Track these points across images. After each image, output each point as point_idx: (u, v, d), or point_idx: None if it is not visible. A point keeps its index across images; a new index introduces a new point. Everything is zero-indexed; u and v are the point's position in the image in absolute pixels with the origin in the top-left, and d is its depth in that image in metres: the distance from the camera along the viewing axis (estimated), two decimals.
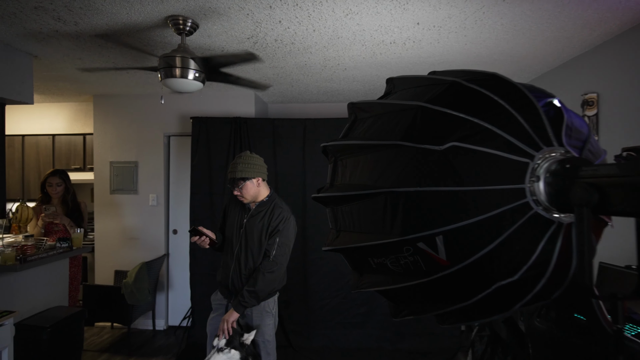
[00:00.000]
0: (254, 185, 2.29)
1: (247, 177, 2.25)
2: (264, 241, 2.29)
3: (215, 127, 3.89)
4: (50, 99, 4.45)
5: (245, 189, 2.27)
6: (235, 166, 2.26)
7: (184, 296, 4.17)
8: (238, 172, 2.24)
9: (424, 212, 1.02)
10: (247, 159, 2.29)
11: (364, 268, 1.46)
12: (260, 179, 2.32)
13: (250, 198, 2.31)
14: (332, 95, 4.32)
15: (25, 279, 2.68)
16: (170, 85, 2.26)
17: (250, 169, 2.27)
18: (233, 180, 2.26)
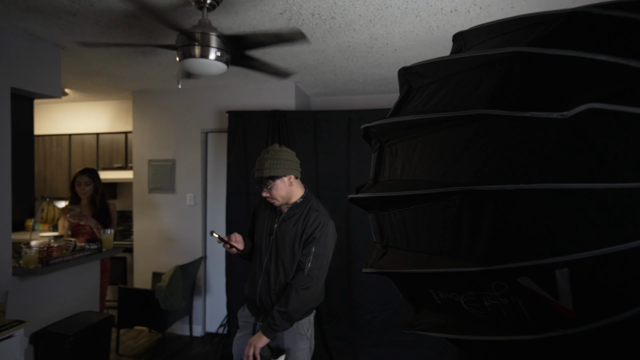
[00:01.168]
0: (285, 185, 1.94)
1: (276, 175, 1.90)
2: (297, 251, 1.93)
3: (252, 121, 3.61)
4: (92, 96, 4.42)
5: (275, 189, 1.91)
6: (262, 163, 1.92)
7: (221, 301, 3.93)
8: (266, 169, 1.89)
9: (532, 227, 0.58)
10: (276, 153, 1.94)
11: (423, 301, 1.02)
12: (293, 177, 1.96)
13: (281, 200, 1.96)
14: (380, 85, 3.88)
15: (49, 283, 2.52)
16: (189, 67, 1.96)
17: (279, 166, 1.91)
18: (260, 180, 1.92)
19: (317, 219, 1.94)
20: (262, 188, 1.93)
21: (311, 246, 1.90)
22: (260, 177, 1.91)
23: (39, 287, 2.47)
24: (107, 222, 3.14)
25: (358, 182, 3.45)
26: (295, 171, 1.98)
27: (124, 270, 4.24)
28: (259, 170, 1.91)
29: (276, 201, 1.96)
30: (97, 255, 2.81)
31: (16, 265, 2.38)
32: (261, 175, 1.90)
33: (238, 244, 1.99)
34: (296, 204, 2.00)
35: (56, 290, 2.58)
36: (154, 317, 3.46)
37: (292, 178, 1.96)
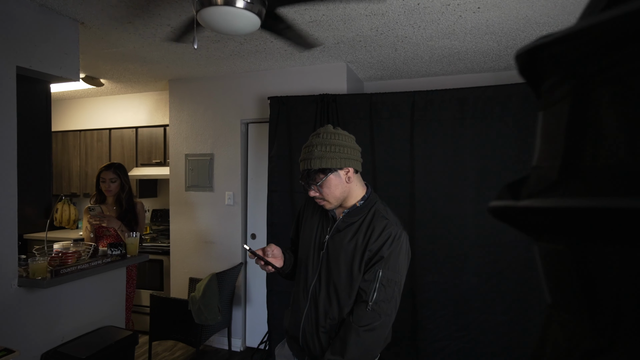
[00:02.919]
0: (342, 181, 1.40)
1: (330, 167, 1.37)
2: (357, 274, 1.38)
3: (297, 107, 3.10)
4: (129, 87, 4.14)
5: (327, 186, 1.39)
6: (310, 150, 1.39)
7: (263, 313, 3.47)
8: (315, 159, 1.37)
9: None
10: (330, 137, 1.40)
11: None
12: (352, 170, 1.42)
13: (334, 202, 1.42)
14: (450, 63, 3.22)
15: (62, 295, 2.17)
16: (209, 20, 1.47)
17: (334, 154, 1.37)
18: (307, 174, 1.40)
19: (386, 230, 1.38)
20: (310, 185, 1.41)
21: (377, 269, 1.35)
22: (308, 169, 1.38)
23: (50, 300, 2.13)
24: (133, 223, 2.78)
25: (423, 178, 2.83)
26: (355, 162, 1.43)
27: (160, 275, 3.92)
28: (306, 160, 1.39)
29: (328, 204, 1.42)
30: (119, 262, 2.43)
31: (24, 275, 2.03)
32: (308, 167, 1.38)
33: (275, 259, 1.48)
34: (355, 208, 1.45)
35: (71, 304, 2.23)
36: (188, 329, 3.07)
37: (351, 172, 1.42)
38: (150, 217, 4.60)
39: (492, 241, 2.66)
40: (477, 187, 2.69)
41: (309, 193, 1.43)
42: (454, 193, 2.73)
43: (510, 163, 2.63)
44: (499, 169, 2.65)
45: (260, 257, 1.40)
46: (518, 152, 2.62)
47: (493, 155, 2.67)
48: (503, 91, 2.64)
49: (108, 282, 2.47)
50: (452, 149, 2.74)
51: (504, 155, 2.64)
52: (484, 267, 2.67)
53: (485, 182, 2.68)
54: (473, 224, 2.69)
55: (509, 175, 2.64)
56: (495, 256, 2.65)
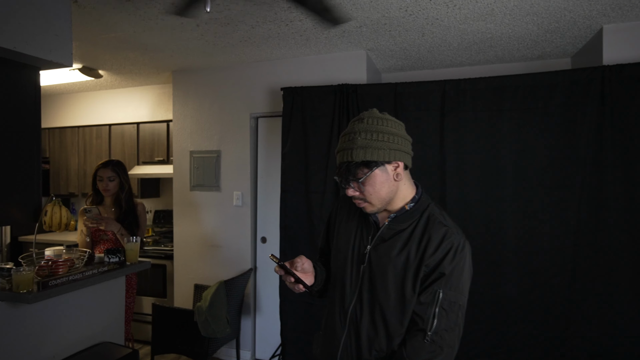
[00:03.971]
0: (389, 178, 1.13)
1: (376, 160, 1.09)
2: (410, 295, 1.10)
3: (313, 99, 2.82)
4: (130, 80, 3.87)
5: (371, 184, 1.11)
6: (351, 139, 1.11)
7: (274, 323, 3.20)
8: (357, 149, 1.09)
9: None
10: (376, 123, 1.12)
11: None
12: (402, 165, 1.14)
13: (378, 204, 1.14)
14: (480, 51, 2.94)
15: (52, 309, 1.90)
16: None
17: (382, 144, 1.10)
18: (347, 168, 1.11)
19: (447, 240, 1.10)
20: (348, 182, 1.12)
21: (437, 289, 1.07)
22: (347, 162, 1.10)
23: (38, 316, 1.86)
24: (133, 226, 2.51)
25: (456, 176, 2.54)
26: (406, 156, 1.15)
27: (163, 280, 3.65)
28: (346, 151, 1.11)
29: (369, 206, 1.15)
30: (118, 270, 2.16)
31: (7, 288, 1.77)
32: (349, 159, 1.10)
33: (305, 275, 1.20)
34: (405, 212, 1.17)
35: (63, 319, 1.96)
36: (194, 341, 2.80)
37: (401, 167, 1.14)
38: (153, 219, 4.34)
39: (534, 247, 2.37)
40: (516, 186, 2.41)
41: (347, 192, 1.15)
42: (490, 193, 2.44)
43: (555, 160, 2.35)
44: (541, 167, 2.37)
45: (292, 272, 1.12)
46: (563, 147, 2.34)
47: (535, 151, 2.38)
48: (547, 79, 2.36)
49: (105, 294, 2.20)
50: (487, 144, 2.46)
51: (547, 151, 2.36)
52: (525, 276, 2.38)
53: (525, 181, 2.39)
54: (512, 228, 2.41)
55: (552, 174, 2.35)
56: (537, 264, 2.37)
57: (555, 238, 2.34)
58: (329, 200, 2.72)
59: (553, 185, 2.35)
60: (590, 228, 2.30)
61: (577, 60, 2.98)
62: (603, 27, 2.48)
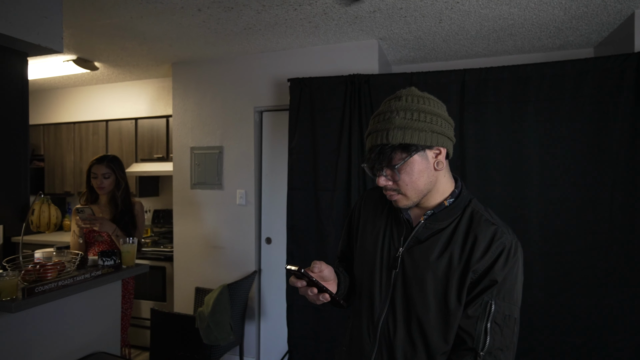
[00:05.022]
0: (429, 167, 0.96)
1: (416, 143, 0.92)
2: (455, 307, 0.93)
3: (322, 90, 2.65)
4: (128, 73, 3.70)
5: (408, 171, 0.94)
6: (388, 118, 0.94)
7: (280, 328, 3.03)
8: (395, 130, 0.92)
9: None
10: (417, 102, 0.95)
11: None
12: (444, 152, 0.97)
13: (415, 196, 0.97)
14: (498, 40, 2.76)
15: (38, 318, 1.73)
16: None
17: (424, 125, 0.93)
18: (381, 152, 0.94)
19: (498, 241, 0.93)
20: (381, 168, 0.96)
21: (488, 299, 0.90)
22: (382, 145, 0.93)
23: (24, 325, 1.68)
24: (130, 227, 2.33)
25: (477, 172, 2.35)
26: (449, 142, 0.99)
27: (162, 283, 3.48)
28: (380, 132, 0.94)
29: (403, 199, 0.98)
30: (113, 275, 1.99)
31: None
32: (384, 141, 0.93)
33: (327, 284, 1.03)
34: (444, 208, 1.00)
35: (52, 328, 1.79)
36: (195, 349, 2.62)
37: (443, 154, 0.97)
38: (152, 219, 4.16)
39: (561, 248, 2.20)
40: (542, 183, 2.23)
41: (378, 181, 0.98)
42: (514, 191, 2.27)
43: (584, 155, 2.17)
44: (569, 162, 2.20)
45: (316, 282, 0.94)
46: (594, 141, 2.16)
47: (562, 145, 2.21)
48: (576, 67, 2.18)
49: (99, 300, 2.02)
50: (511, 138, 2.29)
51: (577, 145, 2.19)
52: (551, 279, 2.21)
53: (552, 177, 2.22)
54: (537, 228, 2.23)
55: (581, 170, 2.18)
56: (565, 267, 2.20)
57: (585, 239, 2.17)
58: (340, 199, 2.55)
59: (582, 183, 2.17)
60: (623, 229, 2.13)
61: (601, 51, 2.81)
62: (635, 12, 2.31)
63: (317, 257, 2.61)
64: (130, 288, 2.40)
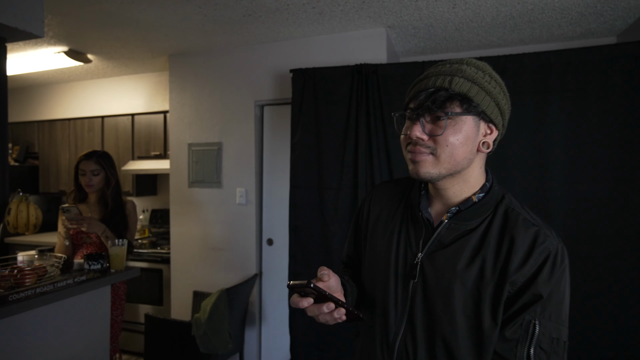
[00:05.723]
0: (475, 139, 0.80)
1: (479, 103, 0.77)
2: (489, 326, 0.75)
3: (327, 82, 2.48)
4: (123, 66, 3.54)
5: (455, 132, 0.78)
6: (455, 68, 0.79)
7: (282, 334, 2.87)
8: (462, 79, 0.77)
9: None
10: (488, 68, 0.81)
11: None
12: (495, 135, 0.82)
13: (446, 165, 0.79)
14: (514, 28, 2.58)
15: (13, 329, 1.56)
16: None
17: (492, 89, 0.78)
18: (434, 94, 0.77)
19: (541, 246, 0.77)
20: (423, 114, 0.79)
21: (530, 318, 0.74)
22: (437, 88, 0.77)
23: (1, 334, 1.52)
24: (121, 227, 2.17)
25: (497, 171, 2.16)
26: (501, 127, 0.84)
27: (159, 286, 3.32)
28: (441, 76, 0.78)
29: (433, 162, 0.80)
30: (99, 280, 1.82)
31: None
32: (443, 84, 0.77)
33: (336, 295, 0.86)
34: (472, 205, 0.83)
35: (30, 340, 1.62)
36: (191, 358, 2.46)
37: (493, 137, 0.82)
38: (149, 219, 4.01)
39: (588, 252, 2.02)
40: (568, 182, 2.05)
41: (412, 130, 0.79)
42: (537, 189, 2.09)
43: (615, 150, 1.99)
44: (598, 158, 2.01)
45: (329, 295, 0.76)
46: (626, 135, 1.98)
47: (589, 139, 2.03)
48: (604, 53, 2.00)
49: (85, 307, 1.86)
50: (532, 132, 2.11)
51: (606, 139, 2.00)
52: (578, 286, 2.02)
53: (579, 175, 2.04)
54: (562, 230, 2.05)
55: (611, 166, 2.00)
56: (592, 272, 2.01)
57: (616, 241, 1.98)
58: (346, 198, 2.37)
59: (613, 180, 1.99)
60: None
61: (625, 39, 2.62)
62: None
63: (321, 260, 2.44)
64: (121, 293, 2.24)
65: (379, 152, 2.34)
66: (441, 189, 0.85)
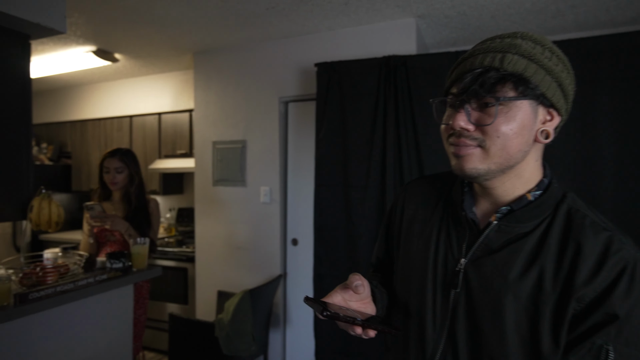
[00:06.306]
0: (533, 128, 0.67)
1: (537, 84, 0.64)
2: (549, 349, 0.62)
3: (353, 76, 2.37)
4: (150, 65, 3.56)
5: (508, 120, 0.65)
6: (508, 43, 0.66)
7: (307, 336, 2.79)
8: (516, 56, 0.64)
9: None
10: (547, 42, 0.66)
11: None
12: (557, 122, 0.68)
13: (496, 159, 0.67)
14: (555, 15, 2.39)
15: (35, 327, 1.55)
16: None
17: (552, 67, 0.65)
18: (481, 76, 0.64)
19: (616, 255, 0.63)
20: (469, 100, 0.67)
21: (602, 341, 0.61)
22: (485, 68, 0.65)
23: (18, 335, 1.51)
24: (144, 225, 2.15)
25: None
26: (564, 113, 0.70)
27: (184, 285, 3.31)
28: (489, 53, 0.66)
29: (481, 157, 0.68)
30: (120, 279, 1.79)
31: None
32: (493, 64, 0.64)
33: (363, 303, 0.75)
34: (526, 204, 0.70)
35: (51, 339, 1.61)
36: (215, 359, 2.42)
37: (554, 123, 0.69)
38: (176, 217, 4.03)
39: None
40: (619, 182, 1.86)
41: (455, 119, 0.68)
42: (584, 184, 1.91)
43: None
44: None
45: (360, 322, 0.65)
46: None
47: None
48: None
49: (107, 306, 1.84)
50: (579, 123, 1.92)
51: None
52: None
53: (632, 174, 1.84)
54: None
55: None
56: None
57: None
58: (373, 197, 2.26)
59: None
60: None
61: None
62: None
63: (347, 262, 2.34)
64: (145, 292, 2.22)
65: (409, 148, 2.21)
66: (489, 187, 0.73)
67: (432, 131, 2.16)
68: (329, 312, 0.61)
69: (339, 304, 0.69)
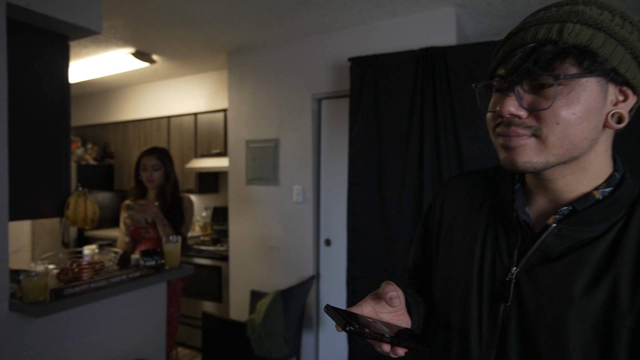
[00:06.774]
0: (602, 111, 0.55)
1: (607, 58, 0.52)
2: None
3: (389, 70, 2.27)
4: (186, 66, 3.61)
5: (569, 99, 0.53)
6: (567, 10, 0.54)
7: (340, 338, 2.71)
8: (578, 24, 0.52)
9: None
10: (619, 8, 0.54)
11: None
12: (632, 102, 0.55)
13: (557, 149, 0.55)
14: None
15: (69, 323, 1.57)
16: None
17: (625, 35, 0.51)
18: (535, 52, 0.53)
19: None
20: (520, 81, 0.55)
21: None
22: (538, 42, 0.53)
23: (53, 329, 1.53)
24: (177, 221, 2.15)
25: None
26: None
27: (218, 284, 3.33)
28: (543, 25, 0.54)
29: (534, 150, 0.57)
30: (153, 276, 1.80)
31: (18, 295, 1.46)
32: (550, 36, 0.53)
33: (397, 314, 0.67)
34: (594, 203, 0.58)
35: (85, 334, 1.63)
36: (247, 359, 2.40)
37: (629, 104, 0.56)
38: (212, 216, 4.07)
39: None
40: None
41: (503, 104, 0.56)
42: None
43: None
44: None
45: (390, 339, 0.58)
46: None
47: None
48: None
49: (140, 303, 1.85)
50: None
51: None
52: None
53: None
54: None
55: None
56: None
57: None
58: (410, 196, 2.15)
59: None
60: None
61: None
62: None
63: (381, 265, 2.25)
64: (178, 290, 2.23)
65: (448, 146, 2.09)
66: (547, 180, 0.62)
67: (474, 125, 2.02)
68: (352, 327, 0.54)
69: (369, 316, 0.61)
